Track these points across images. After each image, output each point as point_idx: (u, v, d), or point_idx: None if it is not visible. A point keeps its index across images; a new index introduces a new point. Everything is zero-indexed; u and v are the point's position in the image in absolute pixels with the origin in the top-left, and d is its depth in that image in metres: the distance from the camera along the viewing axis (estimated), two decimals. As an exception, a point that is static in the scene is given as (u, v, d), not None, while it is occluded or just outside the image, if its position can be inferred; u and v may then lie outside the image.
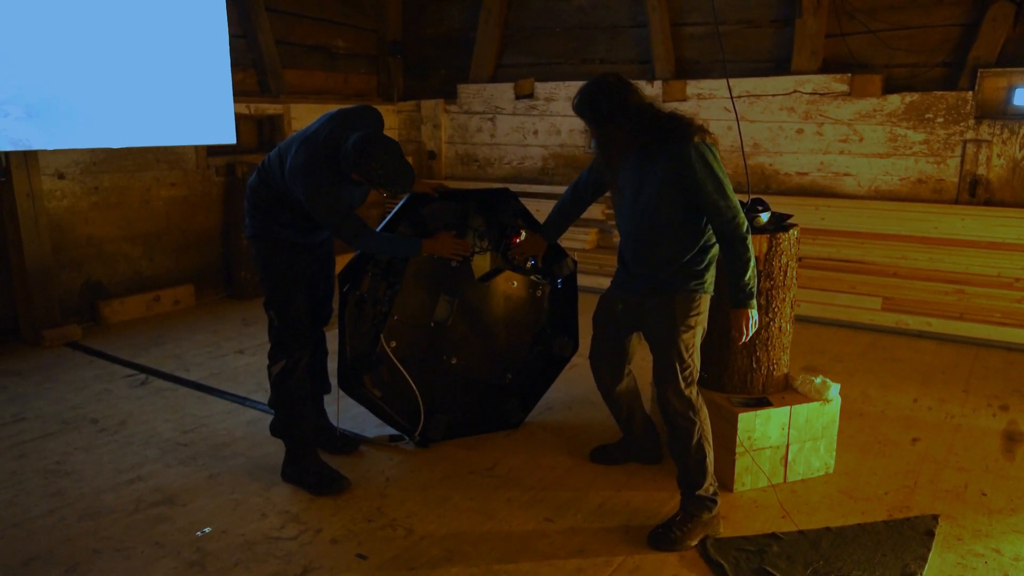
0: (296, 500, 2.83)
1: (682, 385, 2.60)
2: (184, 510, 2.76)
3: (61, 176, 4.80)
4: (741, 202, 2.55)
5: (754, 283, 2.49)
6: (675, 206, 2.50)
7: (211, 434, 3.40)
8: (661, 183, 2.48)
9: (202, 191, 5.66)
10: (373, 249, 2.92)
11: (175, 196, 5.49)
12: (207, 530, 2.63)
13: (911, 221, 5.17)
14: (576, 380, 3.97)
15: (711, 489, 2.62)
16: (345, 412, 3.37)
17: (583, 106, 2.53)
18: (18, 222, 4.45)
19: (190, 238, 5.63)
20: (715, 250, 2.60)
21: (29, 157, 4.47)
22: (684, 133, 2.45)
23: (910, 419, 3.64)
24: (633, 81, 2.57)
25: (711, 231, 2.55)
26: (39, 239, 4.56)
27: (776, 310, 2.98)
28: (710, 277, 2.62)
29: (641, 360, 2.95)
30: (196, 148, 5.55)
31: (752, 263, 2.47)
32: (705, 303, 2.62)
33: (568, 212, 3.08)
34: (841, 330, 5.08)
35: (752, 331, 2.54)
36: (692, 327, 2.60)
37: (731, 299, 2.53)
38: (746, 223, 2.47)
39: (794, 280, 3.03)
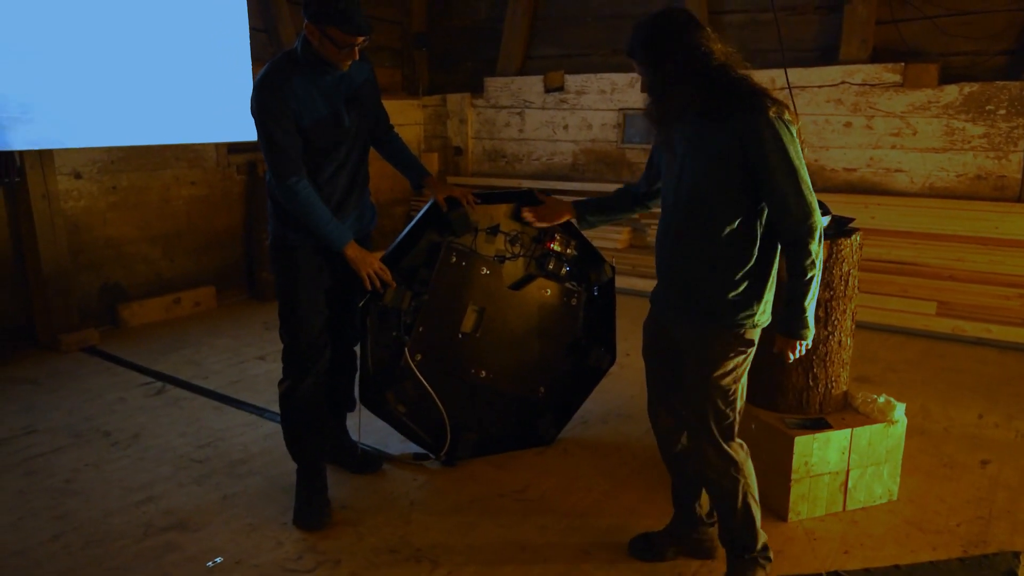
0: (314, 526, 2.64)
1: (720, 439, 2.15)
2: (195, 536, 2.58)
3: (78, 176, 4.67)
4: None
5: (812, 308, 2.02)
6: (729, 196, 1.98)
7: (227, 449, 3.22)
8: (717, 162, 1.96)
9: (223, 190, 5.51)
10: (295, 207, 2.46)
11: (195, 195, 5.34)
12: (218, 560, 2.44)
13: (969, 220, 4.84)
14: (612, 391, 3.74)
15: (760, 544, 2.27)
16: (367, 426, 3.17)
17: (637, 40, 2.01)
18: (34, 224, 4.32)
19: (211, 238, 5.48)
20: (774, 272, 2.10)
21: (44, 156, 4.33)
22: (758, 102, 1.92)
23: (977, 438, 3.34)
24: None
25: (774, 245, 2.06)
26: (55, 241, 4.43)
27: (836, 323, 2.72)
28: (762, 306, 2.08)
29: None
30: (216, 145, 5.39)
31: (817, 282, 2.00)
32: (752, 336, 2.10)
33: (614, 199, 2.56)
34: (892, 336, 4.77)
35: (800, 353, 2.11)
36: (732, 371, 2.10)
37: (781, 323, 2.07)
38: (820, 227, 1.97)
39: (855, 290, 2.76)
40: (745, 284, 2.04)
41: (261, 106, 2.43)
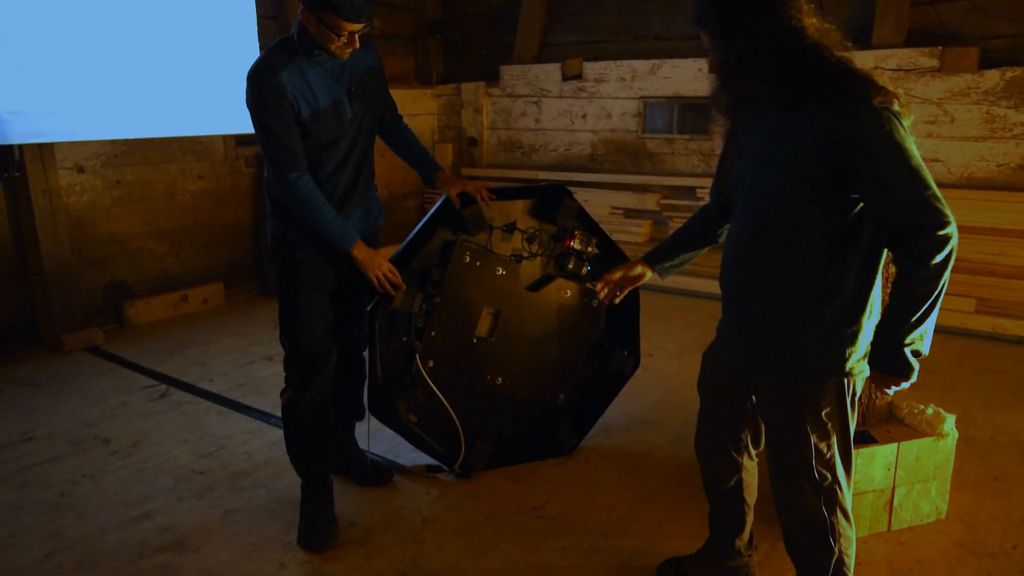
0: (320, 545, 2.48)
1: (815, 503, 1.77)
2: (194, 557, 2.42)
3: (81, 170, 4.53)
4: None
5: (927, 342, 1.60)
6: (819, 208, 1.59)
7: (230, 459, 3.07)
8: (802, 166, 1.57)
9: (231, 183, 5.35)
10: (297, 205, 2.29)
11: (202, 189, 5.19)
12: (218, 583, 2.29)
13: (1011, 212, 4.57)
14: (635, 396, 3.54)
15: None
16: (376, 433, 3.01)
17: (707, 6, 1.62)
18: (34, 220, 4.18)
19: (218, 233, 5.33)
20: (877, 297, 1.69)
21: (45, 150, 4.18)
22: (858, 88, 1.52)
23: (1027, 448, 3.13)
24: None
25: (879, 261, 1.65)
26: (57, 237, 4.29)
27: (882, 329, 2.50)
28: (863, 347, 1.67)
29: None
30: (224, 138, 5.23)
31: (934, 303, 1.54)
32: (858, 383, 1.73)
33: (690, 233, 2.09)
34: (929, 335, 4.53)
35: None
36: (831, 431, 1.72)
37: (876, 353, 1.62)
38: (954, 242, 1.51)
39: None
40: (845, 318, 1.65)
41: (256, 98, 2.24)
